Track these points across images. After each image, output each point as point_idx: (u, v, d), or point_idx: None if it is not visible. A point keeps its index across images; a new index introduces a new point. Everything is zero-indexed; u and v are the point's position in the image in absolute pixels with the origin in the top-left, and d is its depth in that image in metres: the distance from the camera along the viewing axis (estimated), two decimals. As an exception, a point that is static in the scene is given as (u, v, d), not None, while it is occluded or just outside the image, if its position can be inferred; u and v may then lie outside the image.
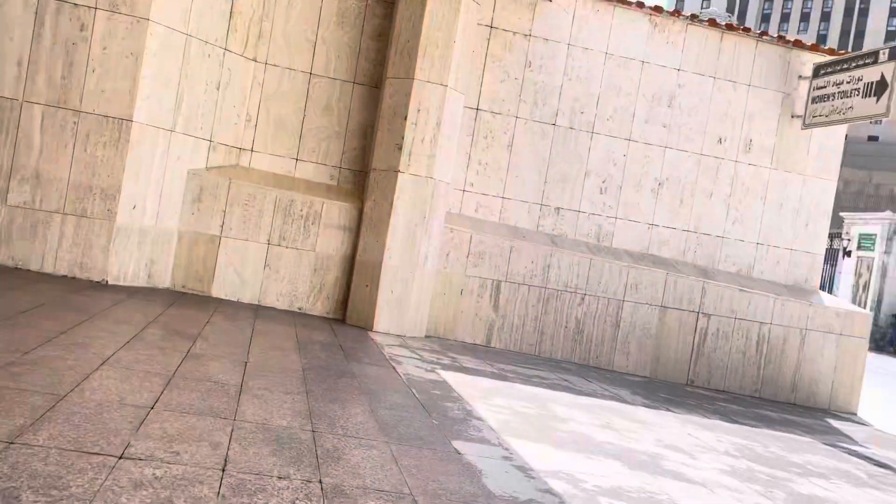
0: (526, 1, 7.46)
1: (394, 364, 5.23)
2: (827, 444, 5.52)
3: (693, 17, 7.89)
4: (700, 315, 7.53)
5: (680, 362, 7.51)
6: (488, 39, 7.39)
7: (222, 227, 6.72)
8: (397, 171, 6.64)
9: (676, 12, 7.83)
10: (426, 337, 6.89)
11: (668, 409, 5.73)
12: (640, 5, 7.66)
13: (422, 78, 6.63)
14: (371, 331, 6.54)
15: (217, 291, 6.72)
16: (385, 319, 6.63)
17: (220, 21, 6.70)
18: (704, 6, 65.83)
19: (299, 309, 6.84)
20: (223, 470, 2.57)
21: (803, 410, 7.24)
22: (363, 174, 7.17)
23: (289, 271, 6.83)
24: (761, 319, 7.61)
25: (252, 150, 7.09)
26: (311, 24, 7.13)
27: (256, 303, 6.79)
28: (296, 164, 7.14)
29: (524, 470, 3.33)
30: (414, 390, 4.49)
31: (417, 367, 5.31)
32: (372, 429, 3.48)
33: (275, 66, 7.08)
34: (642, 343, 7.45)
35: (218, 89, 6.77)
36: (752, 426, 5.72)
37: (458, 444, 3.50)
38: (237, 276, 6.76)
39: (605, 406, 5.32)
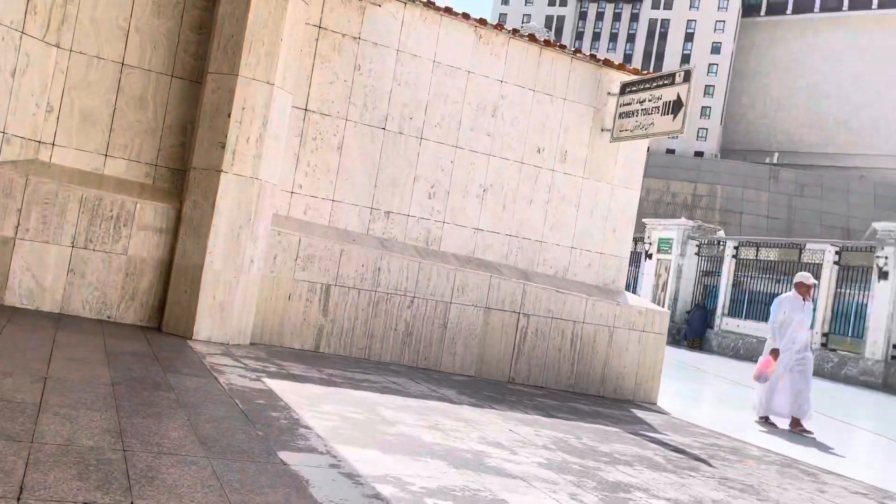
0: (355, 4, 7.45)
1: (215, 374, 5.00)
2: (631, 433, 6.03)
3: (514, 31, 8.30)
4: (521, 315, 7.94)
5: (503, 361, 7.87)
6: (317, 40, 7.30)
7: (17, 227, 6.07)
8: (220, 171, 6.36)
9: (499, 26, 8.21)
10: (251, 344, 6.66)
11: (492, 407, 5.99)
12: (466, 17, 7.94)
13: (247, 75, 6.40)
14: (190, 339, 6.21)
15: (11, 299, 6.06)
16: (206, 327, 6.32)
17: (16, 1, 6.04)
18: (525, 21, 69.56)
19: (109, 317, 6.34)
20: (18, 499, 2.32)
21: (611, 402, 7.87)
22: (182, 173, 6.79)
23: (97, 277, 6.31)
24: (575, 318, 8.17)
25: (53, 145, 6.46)
26: (123, 11, 6.63)
27: (59, 311, 6.19)
28: (105, 160, 6.61)
29: (352, 477, 3.32)
30: (237, 401, 4.33)
31: (241, 376, 5.12)
32: (191, 444, 3.31)
33: (81, 53, 6.51)
34: (468, 343, 7.72)
35: (13, 76, 6.10)
36: (567, 419, 6.12)
37: (284, 455, 3.42)
38: (35, 283, 6.13)
39: (433, 407, 5.45)
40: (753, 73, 68.24)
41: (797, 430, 8.07)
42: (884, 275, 16.45)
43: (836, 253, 17.89)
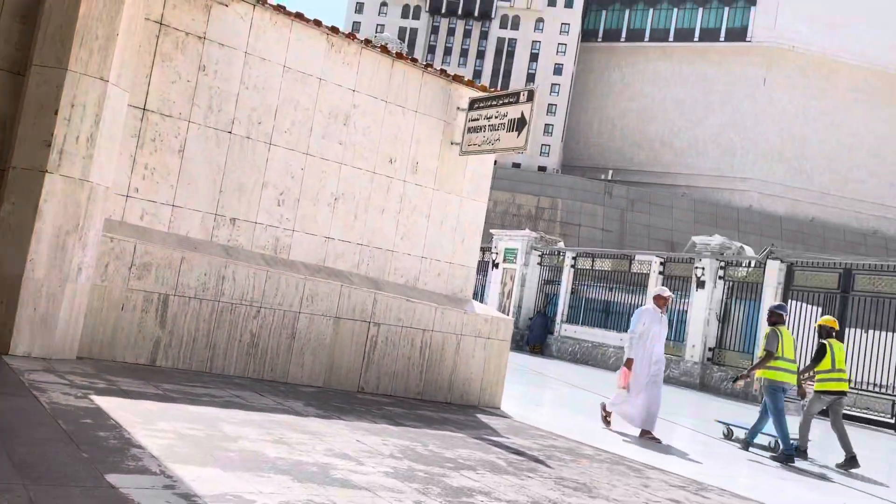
0: (201, 2, 7.15)
1: (36, 392, 4.58)
2: (475, 438, 6.22)
3: (367, 41, 8.33)
4: (371, 324, 7.94)
5: (352, 371, 7.83)
6: (157, 37, 6.92)
7: None
8: (45, 172, 5.84)
9: (352, 35, 8.20)
10: (79, 359, 6.16)
11: (340, 418, 5.94)
12: (318, 23, 7.86)
13: (78, 70, 5.94)
14: (7, 355, 5.64)
15: None
16: (26, 341, 5.77)
17: None
18: (379, 30, 69.90)
19: None
20: None
21: (458, 408, 8.06)
22: (1, 172, 6.17)
23: None
24: (424, 327, 8.30)
25: None
26: (-71, -12, 5.93)
27: None
28: None
29: (188, 497, 3.17)
30: (60, 421, 3.99)
31: (66, 393, 4.72)
32: (5, 470, 3.00)
33: None
34: (317, 354, 7.60)
35: None
36: (414, 427, 6.20)
37: (113, 478, 3.20)
38: None
39: (278, 420, 5.32)
40: (591, 94, 72.89)
41: (646, 437, 8.24)
42: (701, 284, 18.12)
43: (661, 264, 19.48)
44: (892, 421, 13.85)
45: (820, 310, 16.35)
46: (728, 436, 9.60)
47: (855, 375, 14.81)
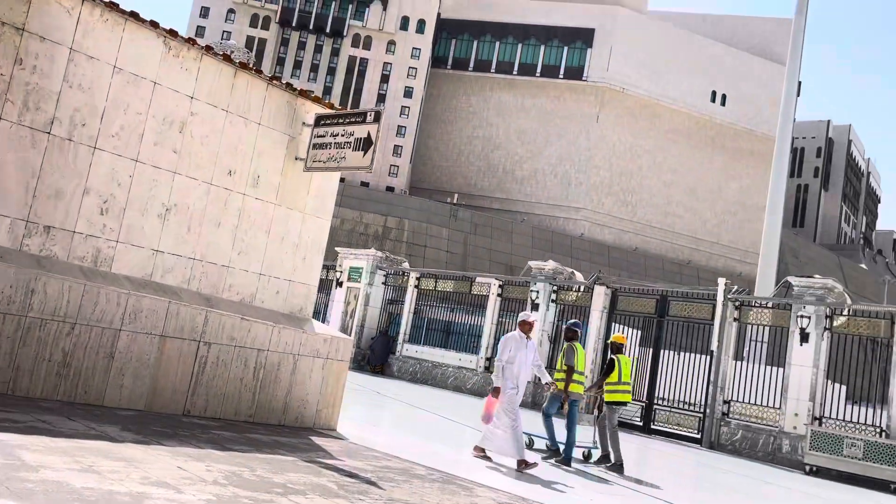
0: (20, -11, 6.55)
1: None
2: (307, 462, 6.07)
3: (208, 48, 8.02)
4: (202, 344, 7.56)
5: (178, 393, 7.40)
6: (-35, 22, 6.24)
7: None
8: None
9: (192, 40, 7.86)
10: None
11: (160, 443, 5.58)
12: (155, 25, 7.46)
13: None
14: None
15: None
16: None
17: None
18: (225, 37, 67.49)
19: None
20: None
21: (291, 431, 7.84)
22: None
23: None
24: (260, 347, 8.03)
25: None
26: None
27: None
28: None
29: (-27, 537, 2.83)
30: None
31: None
32: None
33: None
34: (139, 374, 7.11)
35: None
36: (243, 451, 5.95)
37: None
38: None
39: (89, 447, 4.90)
40: (440, 119, 74.73)
41: (524, 468, 7.95)
42: (535, 307, 19.01)
43: (500, 286, 20.22)
44: (699, 436, 15.21)
45: (639, 332, 17.68)
46: (529, 445, 10.14)
47: (668, 394, 16.13)
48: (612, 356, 10.08)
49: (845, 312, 14.14)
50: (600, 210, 69.96)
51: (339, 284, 23.72)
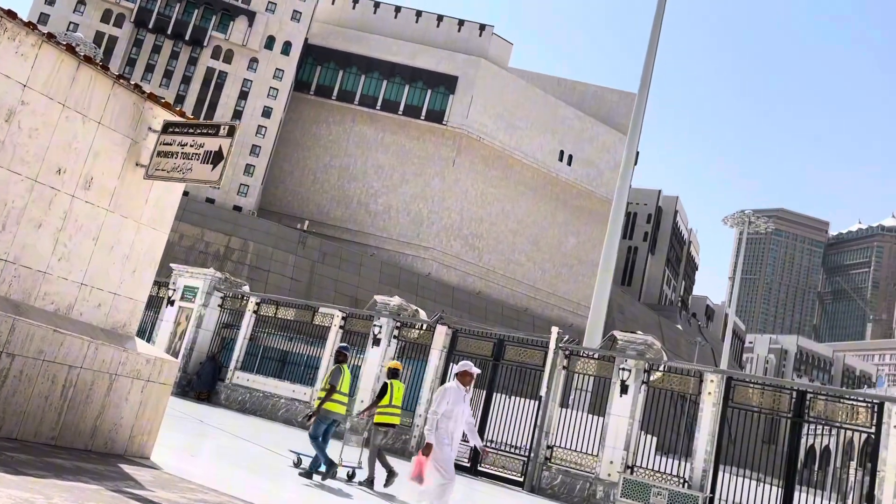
0: None
1: None
2: (114, 491, 5.61)
3: (50, 35, 7.44)
4: (3, 355, 6.82)
5: (-32, 408, 6.60)
6: None
7: None
8: None
9: (31, 24, 7.26)
10: None
11: (-61, 465, 4.93)
12: (-9, 1, 6.83)
13: None
14: None
15: None
16: None
17: None
18: (72, 29, 62.87)
19: None
20: None
21: (99, 458, 7.23)
22: None
23: None
24: (72, 363, 7.37)
25: None
26: None
27: None
28: None
29: None
30: None
31: None
32: None
33: None
34: (-79, 386, 6.27)
35: None
36: (40, 477, 5.40)
37: None
38: None
39: None
40: (298, 143, 73.63)
41: None
42: (377, 341, 18.97)
43: (343, 318, 20.00)
44: (522, 479, 15.72)
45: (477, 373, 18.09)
46: (297, 464, 10.43)
47: (497, 436, 16.59)
48: (387, 381, 10.76)
49: (661, 368, 15.34)
50: (448, 251, 71.62)
51: (171, 303, 22.42)
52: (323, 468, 9.72)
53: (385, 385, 10.65)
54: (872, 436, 13.08)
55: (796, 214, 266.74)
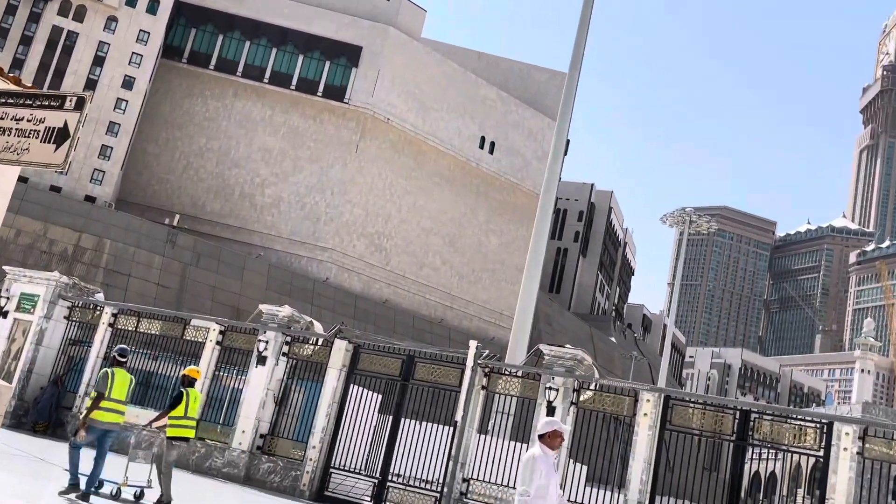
0: None
1: None
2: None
3: None
4: None
5: None
6: None
7: None
8: None
9: None
10: None
11: None
12: None
13: None
14: None
15: None
16: None
17: None
18: None
19: None
20: None
21: None
22: None
23: None
24: None
25: None
26: None
27: None
28: None
29: None
30: None
31: None
32: None
33: None
34: None
35: None
36: None
37: None
38: None
39: None
40: (167, 121, 71.37)
41: None
42: (262, 360, 18.59)
43: (221, 332, 19.50)
44: (434, 517, 15.76)
45: (380, 397, 18.07)
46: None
47: (405, 469, 16.57)
48: (182, 389, 11.09)
49: (593, 387, 15.73)
50: (350, 253, 71.20)
51: (4, 314, 21.27)
52: (73, 483, 9.76)
53: (180, 394, 10.99)
54: (821, 459, 13.83)
55: (741, 213, 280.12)
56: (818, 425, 14.03)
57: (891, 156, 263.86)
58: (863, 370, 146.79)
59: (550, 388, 15.63)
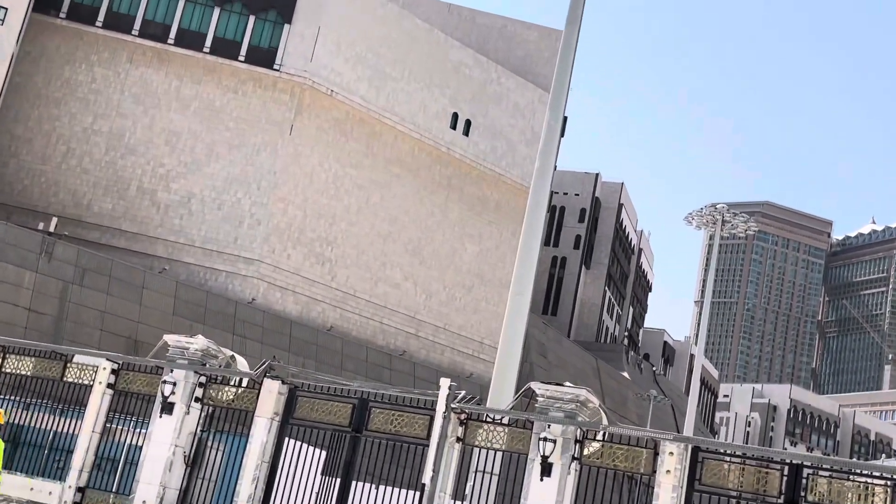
0: None
1: None
2: None
3: None
4: None
5: None
6: None
7: None
8: None
9: None
10: None
11: None
12: None
13: None
14: None
15: None
16: None
17: None
18: None
19: None
20: None
21: None
22: None
23: None
24: None
25: None
26: None
27: None
28: None
29: None
30: None
31: None
32: None
33: None
34: None
35: None
36: None
37: None
38: None
39: None
40: (40, 96, 70.65)
41: None
42: (168, 407, 18.44)
43: (114, 372, 19.35)
44: None
45: (324, 454, 17.97)
46: None
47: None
48: None
49: (600, 437, 15.78)
50: (284, 266, 70.89)
51: None
52: None
53: None
54: (893, 526, 13.97)
55: (787, 211, 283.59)
56: (889, 482, 14.19)
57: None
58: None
59: (546, 440, 15.66)
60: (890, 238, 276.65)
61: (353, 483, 16.97)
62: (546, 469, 15.42)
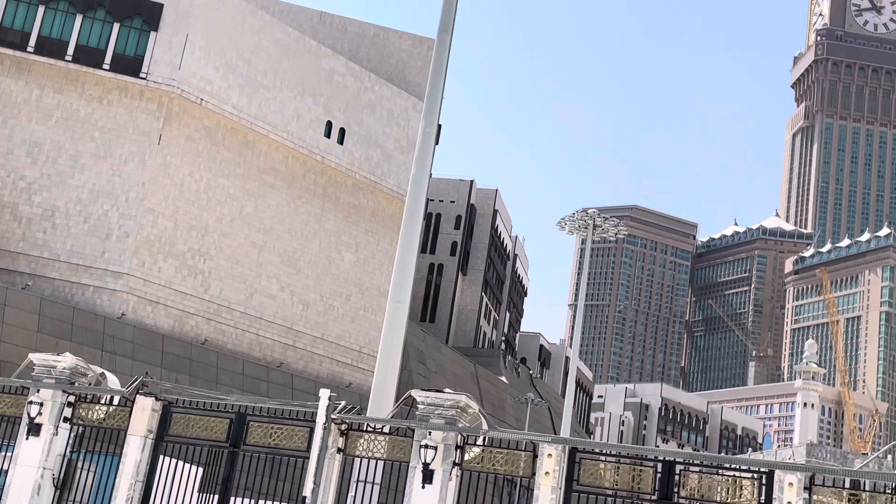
0: None
1: None
2: None
3: None
4: None
5: None
6: None
7: None
8: None
9: None
10: None
11: None
12: None
13: None
14: None
15: None
16: None
17: None
18: None
19: None
20: None
21: None
22: None
23: None
24: None
25: None
26: None
27: None
28: None
29: None
30: None
31: None
32: None
33: None
34: None
35: None
36: None
37: None
38: None
39: None
40: None
41: None
42: (35, 429, 17.79)
43: (-25, 394, 18.60)
44: None
45: (200, 471, 17.62)
46: None
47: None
48: None
49: (480, 441, 15.89)
50: (154, 279, 69.38)
51: None
52: None
53: None
54: (763, 517, 14.45)
55: (655, 214, 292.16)
56: (756, 475, 14.68)
57: (829, 139, 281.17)
58: (805, 404, 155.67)
59: (427, 447, 15.69)
60: (751, 239, 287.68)
61: (232, 499, 16.71)
62: (428, 476, 15.44)
